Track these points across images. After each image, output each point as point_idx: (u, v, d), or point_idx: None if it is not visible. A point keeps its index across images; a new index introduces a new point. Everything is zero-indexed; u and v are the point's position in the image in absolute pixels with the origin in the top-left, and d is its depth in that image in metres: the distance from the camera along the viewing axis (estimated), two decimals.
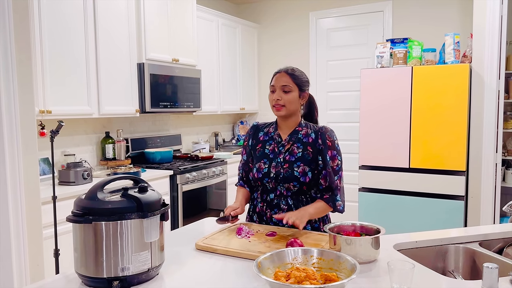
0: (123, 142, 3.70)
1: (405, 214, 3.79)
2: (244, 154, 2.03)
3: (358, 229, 1.56)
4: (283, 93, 1.83)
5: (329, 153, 1.83)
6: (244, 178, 2.03)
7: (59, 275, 1.39)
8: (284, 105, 1.83)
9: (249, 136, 2.02)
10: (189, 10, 4.18)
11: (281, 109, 1.84)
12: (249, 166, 1.99)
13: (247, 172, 2.01)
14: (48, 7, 2.89)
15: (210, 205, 4.14)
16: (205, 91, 4.48)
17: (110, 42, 3.38)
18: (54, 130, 2.56)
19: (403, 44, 3.90)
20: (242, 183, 2.03)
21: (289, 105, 1.84)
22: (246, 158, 2.01)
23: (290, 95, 1.83)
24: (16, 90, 2.26)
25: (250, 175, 1.98)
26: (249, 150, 2.00)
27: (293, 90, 1.84)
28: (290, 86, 1.83)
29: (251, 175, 1.94)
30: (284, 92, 1.83)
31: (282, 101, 1.83)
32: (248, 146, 2.01)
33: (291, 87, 1.83)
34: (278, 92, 1.84)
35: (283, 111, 1.84)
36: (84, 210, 1.23)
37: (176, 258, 1.50)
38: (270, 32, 5.46)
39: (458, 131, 3.58)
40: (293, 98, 1.84)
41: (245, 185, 2.02)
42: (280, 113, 1.85)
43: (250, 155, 2.00)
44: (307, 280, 1.14)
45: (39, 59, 2.84)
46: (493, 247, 1.75)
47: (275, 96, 1.84)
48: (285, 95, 1.83)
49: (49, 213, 2.57)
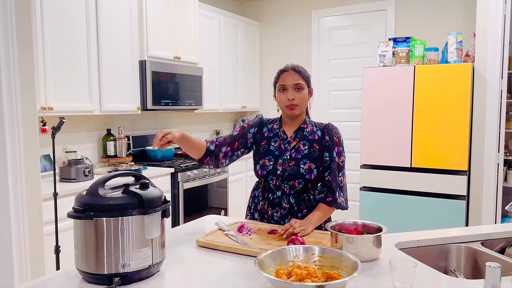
0: (124, 140, 3.70)
1: (407, 213, 3.78)
2: (236, 132, 1.92)
3: (360, 227, 1.55)
4: (296, 91, 1.81)
5: (336, 149, 1.83)
6: (216, 142, 1.88)
7: (59, 272, 1.38)
8: (298, 104, 1.81)
9: (254, 125, 1.94)
10: (191, 7, 4.17)
11: (295, 108, 1.82)
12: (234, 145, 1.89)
13: (227, 143, 1.89)
14: (50, 3, 2.89)
15: (211, 203, 4.14)
16: (206, 89, 4.48)
17: (112, 39, 3.38)
18: (55, 127, 2.56)
19: (405, 43, 3.89)
20: (209, 142, 1.88)
21: (302, 103, 1.83)
22: (236, 135, 1.91)
23: (302, 93, 1.82)
24: (18, 86, 2.26)
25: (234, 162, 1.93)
26: (245, 134, 1.91)
27: (305, 87, 1.83)
28: (302, 83, 1.81)
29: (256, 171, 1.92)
30: (297, 91, 1.81)
31: (296, 100, 1.80)
32: (247, 132, 1.92)
33: (303, 84, 1.82)
34: (291, 91, 1.81)
35: (298, 110, 1.83)
36: (85, 206, 1.23)
37: (177, 255, 1.49)
38: (272, 30, 5.45)
39: (460, 131, 3.57)
40: (305, 95, 1.83)
41: (209, 144, 1.86)
42: (295, 112, 1.83)
43: (242, 137, 1.91)
44: (308, 278, 1.14)
45: (41, 55, 2.84)
46: (495, 246, 1.74)
47: (289, 96, 1.80)
48: (298, 93, 1.81)
49: (50, 210, 2.57)
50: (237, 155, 1.93)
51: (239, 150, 1.93)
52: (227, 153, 1.90)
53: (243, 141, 1.92)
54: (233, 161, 1.94)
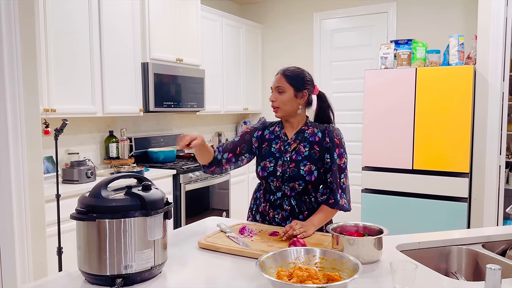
0: (126, 141, 3.71)
1: (408, 215, 3.78)
2: (238, 137, 1.95)
3: (361, 229, 1.56)
4: (278, 94, 1.84)
5: (337, 151, 1.83)
6: (220, 148, 1.93)
7: (62, 273, 1.39)
8: (279, 106, 1.84)
9: (257, 128, 1.97)
10: (193, 10, 4.19)
11: (277, 110, 1.85)
12: (236, 151, 1.92)
13: (228, 149, 1.93)
14: (53, 6, 2.90)
15: (213, 205, 4.15)
16: (208, 91, 4.49)
17: (114, 41, 3.39)
18: (58, 129, 2.57)
19: (407, 45, 3.90)
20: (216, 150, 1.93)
21: (283, 105, 1.84)
22: (237, 141, 1.94)
23: (283, 95, 1.83)
24: (21, 88, 2.28)
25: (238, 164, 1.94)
26: (249, 140, 1.94)
27: (287, 90, 1.83)
28: (283, 86, 1.83)
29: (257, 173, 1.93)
30: (279, 93, 1.84)
31: (276, 102, 1.84)
32: (251, 136, 1.95)
33: (284, 87, 1.83)
34: (273, 93, 1.86)
35: (279, 112, 1.86)
36: (88, 207, 1.24)
37: (179, 257, 1.50)
38: (274, 32, 5.46)
39: (461, 133, 3.57)
40: (286, 98, 1.83)
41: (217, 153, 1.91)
42: (277, 114, 1.87)
43: (244, 143, 1.94)
44: (309, 280, 1.14)
45: (44, 57, 2.85)
46: (496, 249, 1.74)
47: (271, 97, 1.87)
48: (280, 95, 1.84)
49: (53, 211, 2.58)
50: (241, 160, 1.95)
51: (243, 155, 1.94)
52: (229, 159, 1.93)
53: (246, 146, 1.94)
54: (238, 166, 1.97)
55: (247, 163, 1.98)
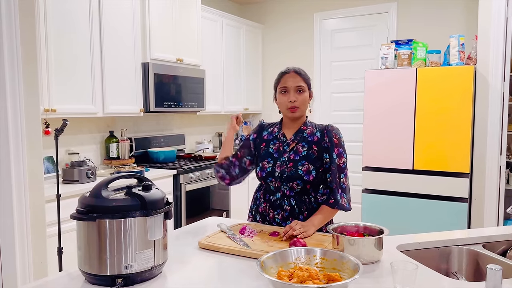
0: (127, 142, 3.71)
1: (409, 215, 3.78)
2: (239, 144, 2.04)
3: (361, 229, 1.56)
4: (298, 93, 1.83)
5: (336, 151, 1.83)
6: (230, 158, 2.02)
7: (62, 273, 1.39)
8: (299, 106, 1.84)
9: (253, 132, 2.02)
10: (194, 10, 4.19)
11: (296, 110, 1.84)
12: (238, 155, 1.99)
13: (232, 154, 2.01)
14: (53, 6, 2.90)
15: (213, 205, 4.15)
16: (209, 91, 4.49)
17: (115, 41, 3.39)
18: (58, 129, 2.57)
19: (407, 45, 3.90)
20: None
21: (303, 105, 1.85)
22: (239, 147, 2.02)
23: (303, 95, 1.84)
24: (22, 88, 2.28)
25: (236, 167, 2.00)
26: (247, 143, 1.99)
27: (306, 90, 1.85)
28: (303, 86, 1.84)
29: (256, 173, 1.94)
30: (298, 93, 1.83)
31: (297, 102, 1.83)
32: (249, 140, 2.00)
33: (304, 87, 1.84)
34: (293, 93, 1.83)
35: (299, 112, 1.85)
36: (88, 207, 1.24)
37: (179, 257, 1.50)
38: (274, 32, 5.46)
39: (462, 133, 3.56)
40: (306, 98, 1.85)
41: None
42: (296, 115, 1.85)
43: (244, 147, 2.00)
44: (310, 280, 1.14)
45: (44, 57, 2.85)
46: (497, 249, 1.74)
47: (291, 98, 1.82)
48: (300, 95, 1.83)
49: (53, 211, 2.58)
50: (245, 163, 1.97)
51: (245, 158, 1.98)
52: (233, 162, 1.97)
53: (246, 150, 1.98)
54: (244, 172, 1.99)
55: (251, 165, 1.99)
